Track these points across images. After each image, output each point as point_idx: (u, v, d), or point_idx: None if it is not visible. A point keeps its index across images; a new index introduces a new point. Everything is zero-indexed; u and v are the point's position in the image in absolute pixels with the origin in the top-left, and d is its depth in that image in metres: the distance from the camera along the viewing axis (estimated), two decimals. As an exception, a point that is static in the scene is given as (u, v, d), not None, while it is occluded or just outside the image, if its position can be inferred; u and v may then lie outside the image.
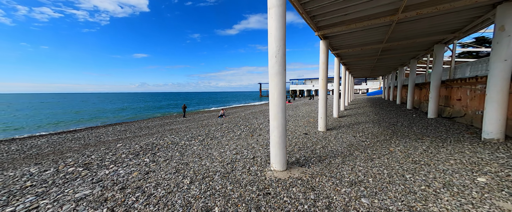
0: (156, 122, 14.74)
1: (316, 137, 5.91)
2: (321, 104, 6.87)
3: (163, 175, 3.58)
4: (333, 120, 9.69)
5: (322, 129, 6.88)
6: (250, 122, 10.26)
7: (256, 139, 6.25)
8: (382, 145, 4.73)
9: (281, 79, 3.13)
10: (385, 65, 14.90)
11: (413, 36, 6.84)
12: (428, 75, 10.57)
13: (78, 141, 8.73)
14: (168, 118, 17.84)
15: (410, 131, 6.15)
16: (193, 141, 6.51)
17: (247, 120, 11.12)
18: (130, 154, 5.28)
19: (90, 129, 13.49)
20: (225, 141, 6.36)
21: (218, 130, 8.32)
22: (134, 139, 8.05)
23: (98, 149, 6.16)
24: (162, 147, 5.94)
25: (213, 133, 7.73)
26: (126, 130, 11.27)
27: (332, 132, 6.53)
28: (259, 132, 7.58)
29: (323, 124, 6.86)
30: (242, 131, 8.01)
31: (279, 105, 3.17)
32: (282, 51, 3.07)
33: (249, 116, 13.68)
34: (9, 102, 53.55)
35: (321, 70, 6.73)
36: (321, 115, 6.85)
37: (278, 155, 3.23)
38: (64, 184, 3.55)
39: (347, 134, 6.12)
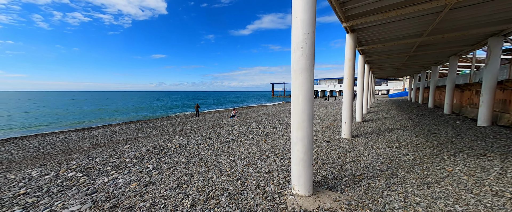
0: (169, 121, 14.73)
1: (341, 146, 5.03)
2: (346, 107, 5.94)
3: (162, 191, 3.04)
4: (356, 124, 8.62)
5: (346, 136, 5.95)
6: (262, 124, 9.58)
7: (270, 145, 5.54)
8: (432, 161, 3.73)
9: (309, 77, 2.40)
10: (416, 64, 13.23)
11: (465, 26, 5.60)
12: (474, 75, 8.96)
13: (91, 140, 8.78)
14: (181, 117, 17.87)
15: (462, 142, 4.98)
16: (202, 145, 6.01)
17: (260, 122, 10.46)
18: (134, 158, 4.91)
19: (107, 126, 13.86)
20: (236, 146, 5.75)
21: (228, 133, 7.77)
22: (144, 140, 7.82)
23: (105, 150, 5.92)
24: (169, 150, 5.51)
25: (224, 136, 7.19)
26: (138, 129, 11.27)
27: (360, 140, 5.58)
28: (273, 136, 6.87)
29: (347, 130, 5.93)
30: (254, 134, 7.36)
31: (305, 111, 2.44)
32: (310, 40, 2.34)
33: (261, 117, 13.00)
34: (45, 99, 59.09)
35: (347, 68, 5.81)
36: (346, 119, 5.92)
37: (303, 175, 2.50)
38: (57, 194, 3.19)
39: (380, 144, 5.14)
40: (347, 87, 5.87)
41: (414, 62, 12.21)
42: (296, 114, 2.49)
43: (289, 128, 8.25)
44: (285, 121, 10.39)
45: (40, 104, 37.94)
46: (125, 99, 58.92)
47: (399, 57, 10.43)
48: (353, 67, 5.77)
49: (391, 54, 9.53)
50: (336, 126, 8.21)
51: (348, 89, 5.87)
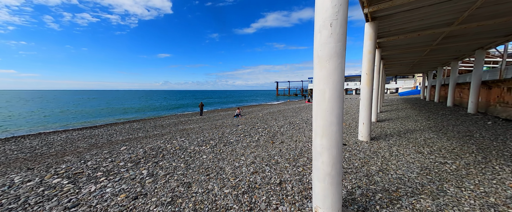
0: (172, 120, 14.37)
1: (361, 151, 4.39)
2: (365, 106, 5.27)
3: (152, 207, 2.53)
4: (371, 125, 7.91)
5: (364, 138, 5.29)
6: (268, 124, 9.00)
7: (279, 148, 4.96)
8: (482, 172, 3.05)
9: (339, 66, 1.79)
10: (434, 60, 12.25)
11: (510, 11, 4.78)
12: (506, 70, 8.03)
13: (90, 140, 8.45)
14: (184, 116, 17.53)
15: (508, 147, 4.23)
16: (203, 147, 5.49)
17: (265, 122, 9.88)
18: (129, 162, 4.44)
19: (109, 125, 13.64)
20: (241, 148, 5.20)
21: (232, 133, 7.23)
22: (143, 140, 7.40)
23: (101, 152, 5.50)
24: (168, 153, 5.03)
25: (227, 137, 6.66)
26: (140, 128, 10.93)
27: (381, 144, 4.91)
28: (281, 138, 6.28)
29: (366, 131, 5.26)
30: (260, 135, 6.79)
31: (334, 111, 1.84)
32: (342, 14, 1.72)
33: (266, 116, 12.41)
34: (57, 98, 60.54)
35: (366, 62, 5.12)
36: (364, 119, 5.26)
37: (330, 196, 1.90)
38: (34, 207, 2.73)
39: (407, 148, 4.46)
40: (366, 83, 5.18)
41: (433, 57, 11.27)
42: (321, 115, 1.89)
43: (297, 129, 7.64)
44: (292, 120, 9.77)
45: (50, 103, 38.70)
46: (132, 98, 59.59)
47: (418, 52, 9.56)
48: (373, 60, 5.08)
49: (410, 48, 8.69)
50: (348, 127, 7.53)
51: (367, 86, 5.19)
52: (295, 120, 10.25)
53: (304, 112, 13.77)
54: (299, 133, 6.87)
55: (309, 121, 9.36)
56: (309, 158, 4.10)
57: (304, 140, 5.75)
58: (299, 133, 6.88)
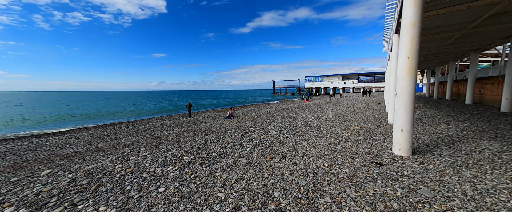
0: (154, 124, 12.48)
1: (412, 177, 2.73)
2: (405, 104, 3.60)
3: None
4: (389, 126, 6.31)
5: (404, 152, 3.64)
6: (264, 128, 7.30)
7: (280, 172, 3.26)
8: None
9: None
10: (452, 51, 10.80)
11: None
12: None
13: (25, 153, 6.47)
14: (171, 118, 15.63)
15: None
16: (169, 167, 3.73)
17: (261, 125, 8.17)
18: (31, 205, 2.65)
19: (78, 130, 11.62)
20: (223, 169, 3.48)
21: (218, 142, 5.49)
22: (94, 154, 5.52)
23: (7, 180, 3.66)
24: (109, 181, 3.24)
25: (210, 148, 4.92)
26: (109, 135, 9.01)
27: (433, 161, 3.27)
28: (281, 149, 4.60)
29: (406, 142, 3.61)
30: (254, 145, 5.08)
31: None
32: None
33: (263, 117, 10.71)
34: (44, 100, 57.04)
35: (407, 39, 3.46)
36: (403, 124, 3.59)
37: None
38: None
39: (486, 173, 2.82)
40: (407, 72, 3.53)
41: (453, 47, 9.79)
42: None
43: (301, 135, 5.96)
44: (293, 123, 8.10)
45: (19, 106, 35.66)
46: (125, 99, 56.47)
47: (442, 39, 8.03)
48: (417, 37, 3.41)
49: (438, 33, 7.13)
50: (366, 132, 5.90)
51: (408, 75, 3.53)
52: (296, 122, 8.58)
53: (305, 112, 12.13)
54: (305, 141, 5.19)
55: (314, 124, 7.70)
56: (332, 194, 2.42)
57: (315, 154, 4.06)
58: (304, 141, 5.20)
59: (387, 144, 4.53)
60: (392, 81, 10.44)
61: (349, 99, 22.37)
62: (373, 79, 45.31)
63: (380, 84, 43.36)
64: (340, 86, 48.74)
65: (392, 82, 10.52)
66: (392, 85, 10.42)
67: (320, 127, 7.10)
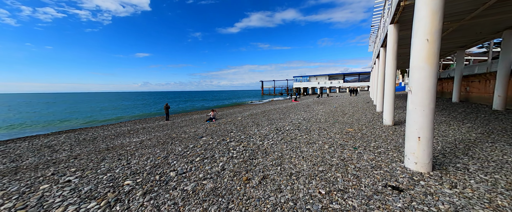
0: (121, 129, 10.75)
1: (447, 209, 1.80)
2: (423, 104, 2.70)
3: None
4: (388, 129, 5.55)
5: (422, 167, 2.74)
6: (247, 132, 6.19)
7: (261, 199, 2.16)
8: None
9: None
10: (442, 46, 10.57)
11: None
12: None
13: None
14: (146, 122, 13.86)
15: None
16: (93, 204, 2.46)
17: (243, 129, 7.04)
18: None
19: (21, 140, 9.52)
20: (172, 208, 2.29)
21: (184, 154, 4.26)
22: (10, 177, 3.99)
23: None
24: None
25: (170, 164, 3.69)
26: (53, 146, 7.21)
27: (467, 181, 2.40)
28: (262, 161, 3.54)
29: (425, 154, 2.71)
30: (230, 156, 3.95)
31: None
32: None
33: (247, 119, 9.59)
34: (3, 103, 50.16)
35: (427, 14, 2.57)
36: (421, 130, 2.70)
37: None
38: None
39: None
40: (426, 59, 2.64)
41: (442, 44, 9.49)
42: None
43: (288, 141, 4.94)
44: (280, 126, 7.09)
45: None
46: (103, 101, 51.35)
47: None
48: (441, 10, 2.53)
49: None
50: (363, 136, 5.05)
51: (427, 64, 2.64)
52: (284, 124, 7.59)
53: (293, 113, 11.24)
54: (293, 150, 4.17)
55: (303, 126, 6.75)
56: None
57: (306, 171, 3.04)
58: (292, 150, 4.17)
59: (393, 153, 3.66)
60: (380, 80, 9.87)
61: (337, 99, 22.14)
62: (358, 79, 46.53)
63: (364, 84, 44.60)
64: (327, 86, 49.35)
65: (380, 81, 9.95)
66: (380, 84, 9.83)
67: (310, 130, 6.16)
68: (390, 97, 6.24)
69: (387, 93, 6.32)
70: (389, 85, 6.35)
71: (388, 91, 6.34)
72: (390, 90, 6.30)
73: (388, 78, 6.37)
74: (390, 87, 6.32)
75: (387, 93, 6.32)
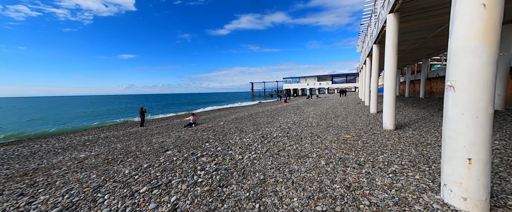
0: (79, 138, 9.02)
1: None
2: (477, 108, 1.72)
3: None
4: (388, 134, 4.67)
5: (479, 209, 1.75)
6: (226, 142, 4.99)
7: None
8: None
9: None
10: (430, 47, 10.22)
11: None
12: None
13: None
14: (114, 129, 12.11)
15: None
16: None
17: (223, 137, 5.83)
18: None
19: None
20: None
21: (128, 181, 2.98)
22: None
23: None
24: None
25: (95, 203, 2.40)
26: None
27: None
28: (236, 191, 2.46)
29: (480, 185, 1.73)
30: (192, 183, 2.75)
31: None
32: None
33: (230, 124, 8.40)
34: None
35: None
36: (475, 150, 1.71)
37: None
38: None
39: None
40: (482, 36, 1.67)
41: (433, 42, 9.06)
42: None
43: (275, 154, 3.84)
44: (267, 132, 5.99)
45: None
46: (81, 105, 46.43)
47: (429, 28, 6.94)
48: None
49: (430, 17, 5.87)
50: (365, 145, 4.10)
51: (484, 42, 1.68)
52: (271, 129, 6.51)
53: (283, 116, 10.25)
54: (280, 170, 3.06)
55: (293, 132, 5.71)
56: None
57: (297, 210, 1.94)
58: (278, 169, 3.06)
59: (413, 173, 2.69)
60: (373, 80, 9.19)
61: (327, 100, 21.66)
62: (345, 80, 47.49)
63: (351, 85, 45.65)
64: (316, 87, 49.62)
65: (373, 81, 9.26)
66: (374, 83, 9.13)
67: (301, 138, 5.13)
68: (390, 98, 5.41)
69: (387, 94, 5.49)
70: (388, 85, 5.53)
71: (388, 91, 5.51)
72: (390, 90, 5.48)
73: (388, 76, 5.55)
74: (390, 87, 5.51)
75: (387, 94, 5.49)
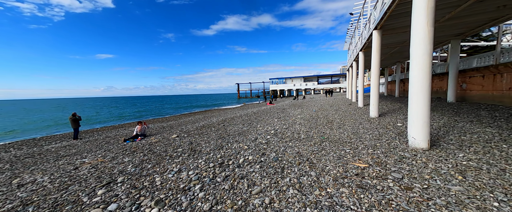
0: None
1: None
2: None
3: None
4: (428, 160, 2.60)
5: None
6: (143, 187, 2.51)
7: None
8: None
9: None
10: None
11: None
12: None
13: None
14: (30, 144, 8.85)
15: None
16: None
17: (151, 169, 3.34)
18: None
19: None
20: None
21: None
22: None
23: None
24: None
25: None
26: None
27: None
28: None
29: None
30: None
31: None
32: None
33: (187, 138, 5.91)
34: None
35: None
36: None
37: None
38: None
39: None
40: None
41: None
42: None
43: None
44: (232, 152, 3.62)
45: None
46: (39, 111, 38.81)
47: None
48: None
49: None
50: (405, 191, 1.93)
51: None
52: (242, 145, 4.16)
53: (263, 121, 7.99)
54: None
55: (271, 153, 3.43)
56: None
57: None
58: None
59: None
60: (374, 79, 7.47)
61: (314, 101, 20.01)
62: (330, 81, 47.70)
63: (335, 85, 46.15)
64: (303, 88, 48.90)
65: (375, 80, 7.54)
66: (375, 83, 7.44)
67: (283, 168, 2.88)
68: (424, 99, 3.38)
69: (421, 97, 3.44)
70: (423, 88, 3.50)
71: (423, 93, 3.45)
72: (425, 93, 3.42)
73: (420, 73, 3.51)
74: (425, 89, 3.48)
75: (421, 97, 3.44)
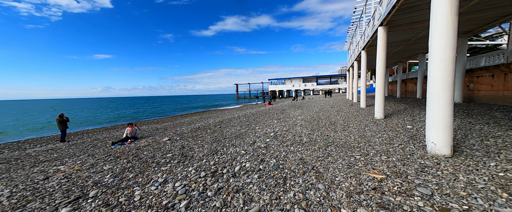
0: None
1: None
2: None
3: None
4: (455, 170, 2.17)
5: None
6: (117, 203, 2.09)
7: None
8: None
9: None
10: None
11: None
12: None
13: None
14: (20, 147, 8.33)
15: None
16: None
17: (133, 178, 2.88)
18: None
19: None
20: None
21: None
22: None
23: None
24: None
25: None
26: None
27: None
28: None
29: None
30: None
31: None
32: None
33: (178, 142, 5.46)
34: None
35: None
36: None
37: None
38: None
39: None
40: None
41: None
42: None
43: None
44: (227, 158, 3.16)
45: None
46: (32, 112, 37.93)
47: None
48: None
49: None
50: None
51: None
52: (238, 150, 3.70)
53: (262, 123, 7.55)
54: None
55: (271, 160, 2.99)
56: None
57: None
58: None
59: None
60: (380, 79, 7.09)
61: (314, 102, 19.63)
62: (329, 81, 47.55)
63: (334, 86, 45.99)
64: (302, 89, 48.68)
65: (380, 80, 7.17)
66: (380, 83, 7.07)
67: (285, 178, 2.44)
68: (447, 99, 2.97)
69: (443, 96, 3.03)
70: (445, 86, 3.09)
71: (445, 92, 3.03)
72: (447, 91, 3.01)
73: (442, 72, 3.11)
74: (448, 88, 3.07)
75: (443, 96, 3.03)
